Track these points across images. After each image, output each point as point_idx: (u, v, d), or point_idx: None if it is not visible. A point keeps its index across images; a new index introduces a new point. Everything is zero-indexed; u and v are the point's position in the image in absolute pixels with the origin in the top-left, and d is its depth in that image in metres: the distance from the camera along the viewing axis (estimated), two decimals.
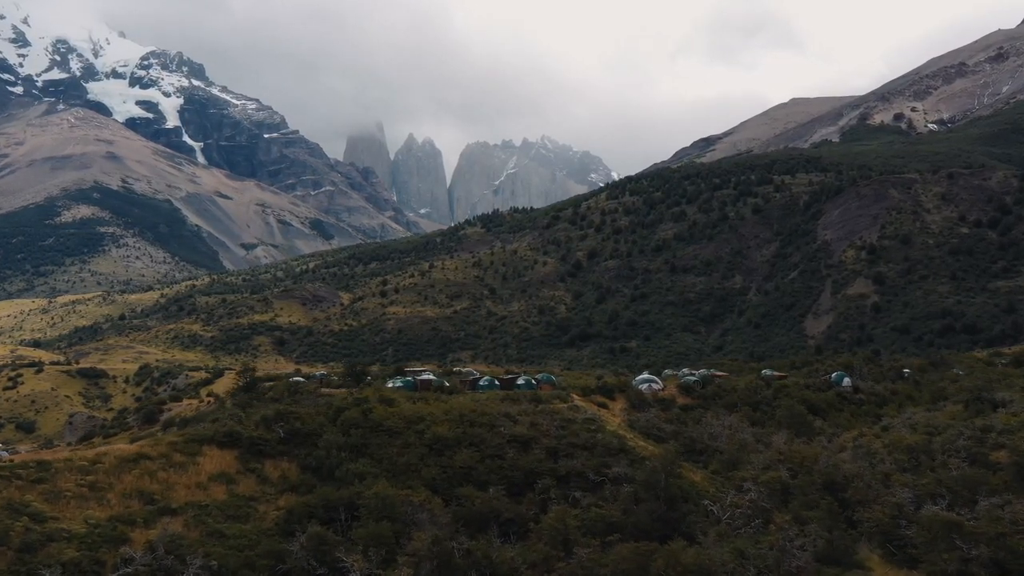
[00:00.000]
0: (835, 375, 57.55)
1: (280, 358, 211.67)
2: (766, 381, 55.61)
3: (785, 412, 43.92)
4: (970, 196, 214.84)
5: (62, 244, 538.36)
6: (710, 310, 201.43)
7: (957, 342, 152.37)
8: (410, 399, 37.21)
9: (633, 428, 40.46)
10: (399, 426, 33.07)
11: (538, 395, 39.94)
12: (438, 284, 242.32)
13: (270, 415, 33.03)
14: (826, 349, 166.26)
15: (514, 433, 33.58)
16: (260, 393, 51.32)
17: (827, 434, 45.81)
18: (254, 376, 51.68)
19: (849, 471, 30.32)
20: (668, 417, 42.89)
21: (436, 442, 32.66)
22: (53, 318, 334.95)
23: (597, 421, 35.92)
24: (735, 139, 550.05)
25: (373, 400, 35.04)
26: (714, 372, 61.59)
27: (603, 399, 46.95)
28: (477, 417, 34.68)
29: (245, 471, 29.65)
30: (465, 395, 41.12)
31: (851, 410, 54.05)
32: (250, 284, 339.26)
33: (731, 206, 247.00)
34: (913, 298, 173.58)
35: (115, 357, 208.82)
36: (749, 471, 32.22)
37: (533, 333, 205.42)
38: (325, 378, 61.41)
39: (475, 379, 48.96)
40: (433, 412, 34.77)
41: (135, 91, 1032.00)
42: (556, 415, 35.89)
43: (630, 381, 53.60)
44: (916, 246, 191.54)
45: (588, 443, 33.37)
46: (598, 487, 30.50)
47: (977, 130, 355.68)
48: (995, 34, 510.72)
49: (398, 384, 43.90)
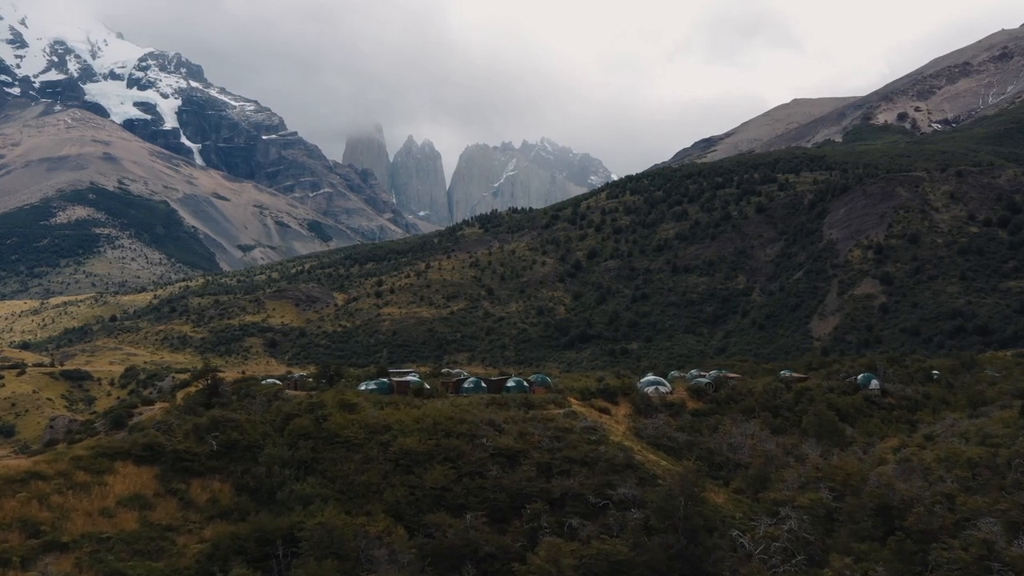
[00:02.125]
0: (861, 377, 51.99)
1: (272, 360, 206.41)
2: (785, 383, 50.07)
3: (813, 419, 38.39)
4: (979, 194, 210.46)
5: (57, 245, 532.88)
6: (713, 311, 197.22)
7: (969, 344, 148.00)
8: (379, 404, 31.45)
9: (640, 437, 34.93)
10: (359, 437, 27.43)
11: (530, 399, 34.23)
12: (434, 284, 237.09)
13: (203, 423, 27.34)
14: (833, 351, 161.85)
15: (499, 445, 27.93)
16: (225, 397, 45.59)
17: (860, 444, 40.10)
18: (216, 377, 46.00)
19: (906, 493, 24.77)
20: (679, 424, 37.36)
21: (403, 456, 27.09)
22: (44, 319, 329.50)
23: (599, 430, 30.31)
24: (736, 139, 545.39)
25: (331, 405, 29.27)
26: (726, 374, 56.02)
27: (605, 403, 41.44)
28: (455, 426, 29.04)
29: (165, 493, 24.08)
30: (446, 399, 35.52)
31: (881, 416, 48.59)
32: (245, 285, 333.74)
33: (734, 205, 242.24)
34: (922, 299, 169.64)
35: (102, 359, 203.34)
36: (782, 491, 26.68)
37: (531, 334, 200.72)
38: (300, 380, 55.70)
39: (459, 380, 43.23)
40: (402, 420, 29.08)
41: (133, 92, 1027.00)
42: (550, 423, 30.25)
43: (635, 383, 48.04)
44: (925, 245, 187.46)
45: (588, 457, 27.77)
46: (600, 513, 24.96)
47: (983, 129, 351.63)
48: (998, 34, 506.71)
49: (371, 387, 38.41)
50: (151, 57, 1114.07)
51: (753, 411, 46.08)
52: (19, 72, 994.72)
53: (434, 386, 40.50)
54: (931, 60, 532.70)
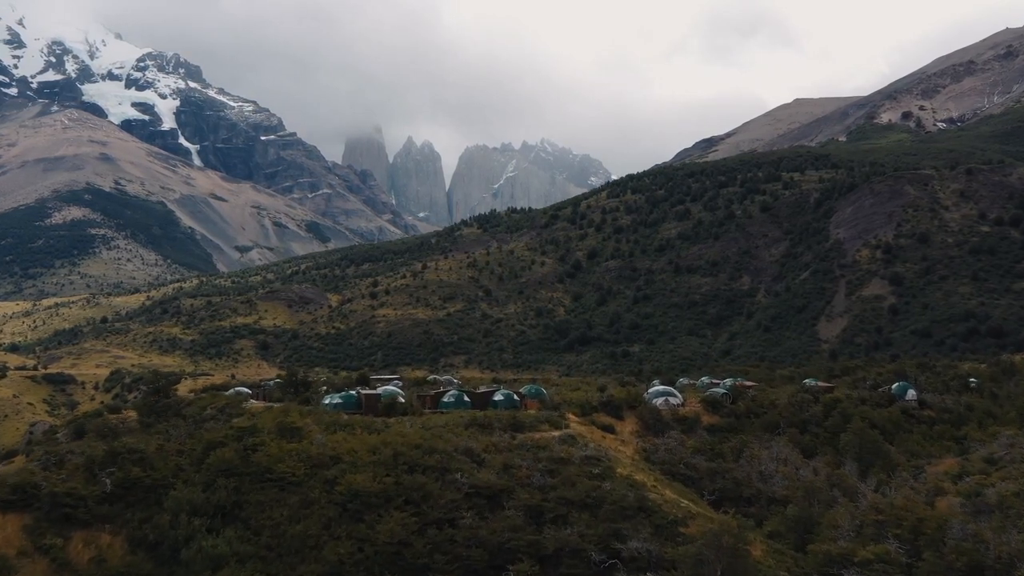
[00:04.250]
0: (896, 386, 46.24)
1: (263, 363, 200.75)
2: (812, 394, 44.32)
3: (853, 438, 32.69)
4: (990, 193, 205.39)
5: (51, 246, 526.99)
6: (717, 312, 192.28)
7: (982, 346, 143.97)
8: (332, 426, 25.51)
9: (651, 463, 29.24)
10: (298, 473, 21.50)
11: (519, 419, 28.31)
12: (431, 285, 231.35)
13: (97, 456, 21.50)
14: (841, 354, 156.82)
15: (477, 483, 22.09)
16: (175, 408, 39.83)
17: (907, 467, 34.24)
18: (165, 383, 40.21)
19: (1002, 548, 19.08)
20: (696, 445, 31.61)
21: (353, 499, 21.08)
22: (35, 321, 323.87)
23: (603, 460, 24.57)
24: (738, 139, 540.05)
25: (267, 430, 23.38)
26: (742, 382, 50.22)
27: (609, 419, 35.76)
28: (421, 457, 23.04)
29: (34, 551, 18.31)
30: (422, 416, 29.72)
31: (922, 431, 42.90)
32: (239, 286, 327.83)
33: (738, 204, 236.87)
34: (933, 299, 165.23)
35: (88, 362, 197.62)
36: (835, 541, 20.99)
37: (530, 336, 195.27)
38: (268, 388, 49.74)
39: (437, 393, 37.15)
40: (356, 449, 23.11)
41: (131, 93, 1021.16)
42: (542, 451, 24.51)
43: (642, 394, 42.29)
44: (935, 245, 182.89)
45: (590, 498, 21.90)
46: (606, 575, 19.22)
47: (989, 128, 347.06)
48: (1003, 32, 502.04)
49: (335, 401, 32.66)
50: (149, 57, 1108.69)
51: (778, 427, 40.37)
52: (16, 72, 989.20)
53: (409, 400, 34.62)
54: (935, 59, 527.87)
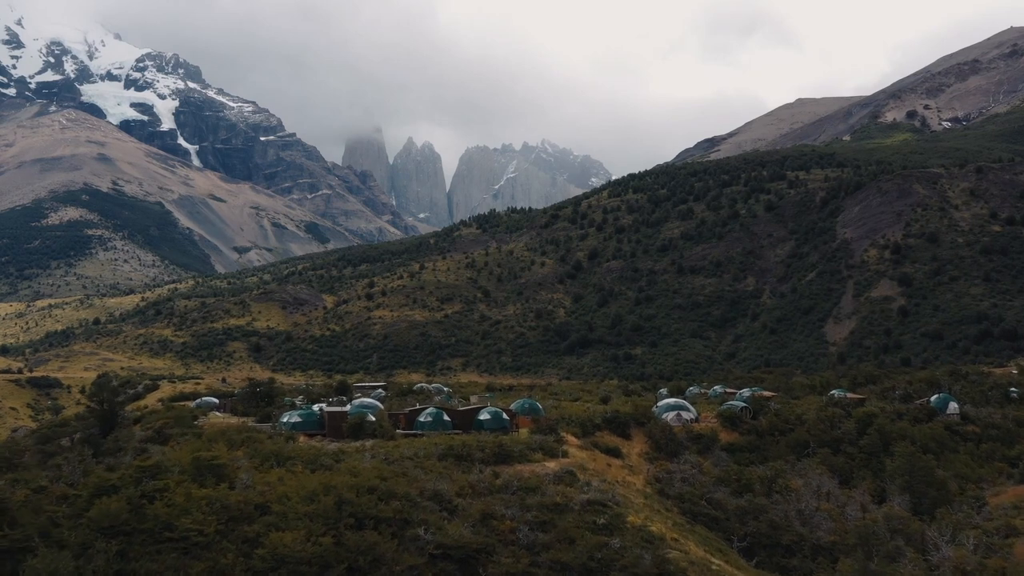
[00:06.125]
0: (935, 399, 41.20)
1: (256, 365, 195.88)
2: (842, 407, 39.26)
3: (903, 464, 27.68)
4: (1001, 192, 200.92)
5: (48, 247, 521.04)
6: (721, 314, 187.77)
7: (996, 349, 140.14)
8: (268, 459, 20.09)
9: (665, 496, 24.20)
10: (208, 531, 15.89)
11: (505, 446, 22.76)
12: (428, 286, 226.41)
13: None
14: (850, 357, 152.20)
15: (446, 541, 16.38)
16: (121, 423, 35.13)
17: (966, 498, 29.15)
18: (113, 394, 35.26)
19: None
20: (720, 475, 26.45)
21: (277, 567, 15.59)
22: (28, 323, 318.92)
23: (609, 504, 19.40)
24: (740, 139, 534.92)
25: (178, 468, 17.83)
26: (761, 392, 45.10)
27: (614, 440, 30.82)
28: (373, 506, 17.33)
29: None
30: (391, 441, 24.51)
31: (968, 450, 37.81)
32: (235, 287, 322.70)
33: (742, 203, 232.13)
34: (944, 301, 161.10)
35: (76, 365, 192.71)
36: None
37: (529, 339, 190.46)
38: (235, 397, 44.68)
39: (413, 411, 31.50)
40: (290, 494, 17.57)
41: (130, 93, 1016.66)
42: (533, 494, 19.10)
43: (651, 408, 37.22)
44: (945, 245, 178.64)
45: (593, 560, 16.41)
46: None
47: (995, 127, 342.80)
48: (1008, 31, 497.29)
49: (294, 419, 27.62)
50: (149, 58, 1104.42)
51: (807, 447, 35.25)
52: (15, 73, 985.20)
53: (380, 419, 29.01)
54: (939, 58, 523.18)
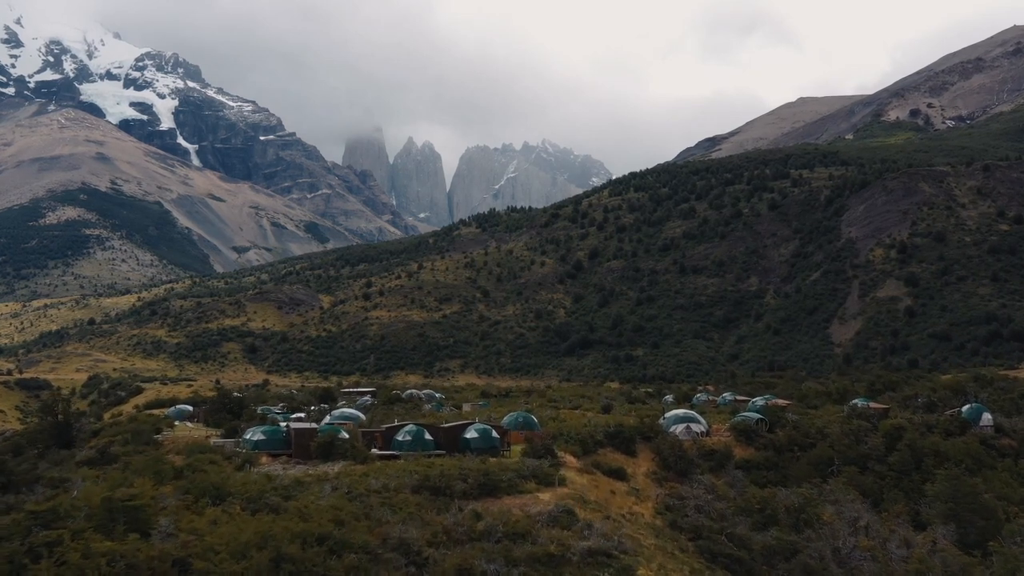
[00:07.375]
0: (967, 409, 37.96)
1: (251, 367, 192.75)
2: (867, 419, 36.02)
3: (946, 488, 24.50)
4: (1008, 190, 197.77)
5: (45, 247, 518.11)
6: (724, 314, 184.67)
7: (1006, 351, 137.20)
8: (203, 493, 16.52)
9: (679, 528, 20.98)
10: None
11: (492, 476, 19.11)
12: (427, 286, 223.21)
13: None
14: (856, 358, 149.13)
15: None
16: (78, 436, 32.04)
17: (1018, 527, 25.96)
18: (64, 407, 32.01)
19: None
20: (740, 503, 23.20)
21: None
22: (23, 323, 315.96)
23: (615, 554, 16.18)
24: (741, 138, 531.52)
25: (84, 512, 13.86)
26: (776, 400, 41.83)
27: (618, 459, 27.61)
28: (323, 561, 13.35)
29: None
30: (365, 464, 21.29)
31: (1007, 467, 34.48)
32: (232, 287, 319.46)
33: (745, 202, 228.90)
34: (951, 301, 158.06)
35: (68, 366, 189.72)
36: None
37: (529, 340, 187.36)
38: (205, 406, 41.42)
39: (391, 428, 28.05)
40: (218, 546, 13.52)
41: (129, 92, 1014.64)
42: (523, 541, 15.59)
43: (658, 420, 33.97)
44: (952, 244, 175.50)
45: None
46: None
47: (1000, 125, 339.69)
48: (1011, 29, 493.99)
49: (258, 436, 24.41)
50: (148, 57, 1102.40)
51: (831, 464, 31.96)
52: (14, 72, 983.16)
53: (353, 438, 25.52)
54: (942, 56, 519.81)
